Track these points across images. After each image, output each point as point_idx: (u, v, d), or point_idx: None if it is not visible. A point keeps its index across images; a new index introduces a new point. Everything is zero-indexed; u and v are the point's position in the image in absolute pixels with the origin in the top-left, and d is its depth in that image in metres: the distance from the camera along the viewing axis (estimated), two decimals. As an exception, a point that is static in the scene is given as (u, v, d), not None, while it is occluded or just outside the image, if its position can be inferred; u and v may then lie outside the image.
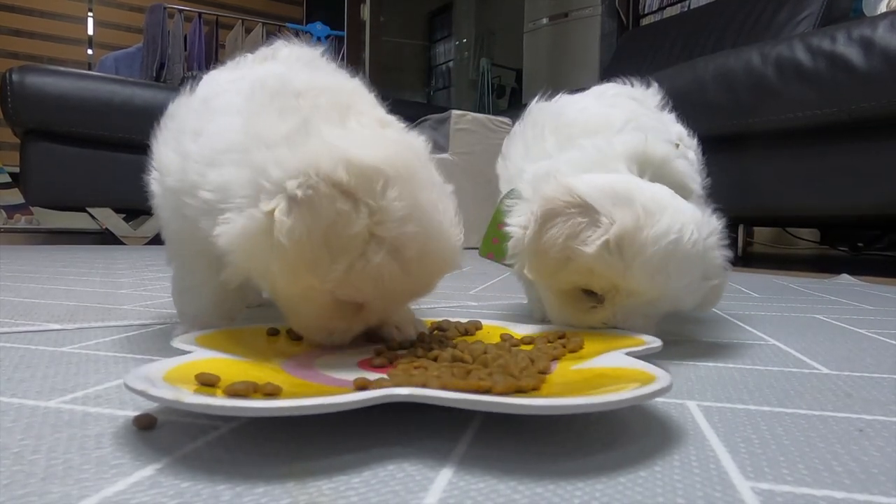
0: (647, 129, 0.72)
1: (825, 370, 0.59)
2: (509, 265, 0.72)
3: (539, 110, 0.82)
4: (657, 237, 0.58)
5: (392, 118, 0.57)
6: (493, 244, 0.76)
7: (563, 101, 0.83)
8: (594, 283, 0.61)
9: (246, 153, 0.48)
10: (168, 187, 0.56)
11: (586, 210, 0.60)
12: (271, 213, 0.44)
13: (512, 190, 0.73)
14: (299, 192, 0.44)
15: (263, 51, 0.66)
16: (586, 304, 0.64)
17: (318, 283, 0.46)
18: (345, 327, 0.53)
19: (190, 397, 0.34)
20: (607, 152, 0.69)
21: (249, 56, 0.66)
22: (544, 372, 0.47)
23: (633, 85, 0.83)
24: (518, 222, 0.67)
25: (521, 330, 0.65)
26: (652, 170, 0.69)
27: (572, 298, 0.64)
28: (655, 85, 0.84)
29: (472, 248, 0.67)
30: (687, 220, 0.60)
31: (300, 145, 0.46)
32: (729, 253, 0.65)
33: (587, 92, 0.84)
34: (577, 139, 0.72)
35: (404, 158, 0.48)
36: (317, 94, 0.53)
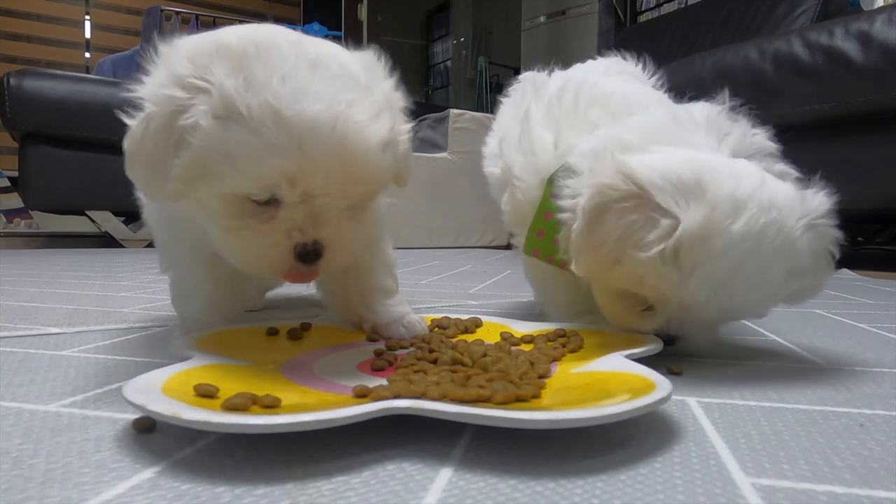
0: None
1: (825, 365, 0.58)
2: (561, 262, 0.62)
3: (562, 80, 0.72)
4: (726, 247, 0.48)
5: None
6: (538, 238, 0.67)
7: (579, 72, 0.74)
8: (644, 291, 0.54)
9: None
10: None
11: (644, 204, 0.51)
12: None
13: (562, 166, 0.62)
14: None
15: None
16: (637, 306, 0.56)
17: (164, 181, 0.46)
18: (273, 240, 0.48)
19: (188, 412, 0.33)
20: (684, 120, 0.58)
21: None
22: (544, 376, 0.47)
23: (630, 61, 0.76)
24: (569, 205, 0.58)
25: (521, 328, 0.65)
26: (733, 141, 0.58)
27: (624, 298, 0.57)
28: (650, 65, 0.77)
29: (473, 248, 0.66)
30: (772, 217, 0.49)
31: None
32: (837, 236, 0.54)
33: (589, 65, 0.76)
34: (626, 110, 0.62)
35: (252, 34, 0.47)
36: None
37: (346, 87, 0.45)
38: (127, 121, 0.47)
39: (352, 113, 0.44)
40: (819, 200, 0.53)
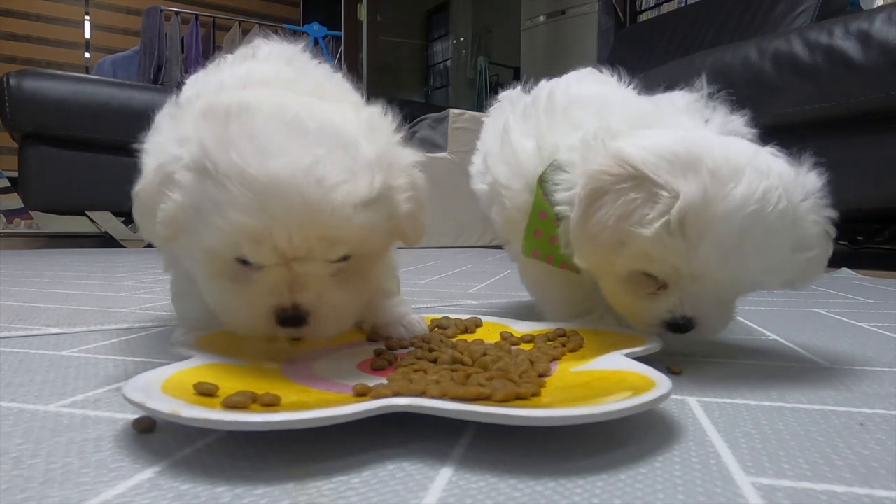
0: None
1: (825, 364, 0.58)
2: (561, 260, 0.61)
3: (536, 91, 0.73)
4: (730, 211, 0.48)
5: (361, 101, 0.57)
6: (535, 238, 0.65)
7: (552, 82, 0.73)
8: (653, 268, 0.53)
9: None
10: None
11: (641, 182, 0.50)
12: None
13: (550, 164, 0.62)
14: None
15: (243, 50, 0.66)
16: (647, 288, 0.55)
17: (153, 224, 0.47)
18: (252, 302, 0.48)
19: (187, 411, 0.33)
20: (666, 106, 0.59)
21: (230, 57, 0.65)
22: (544, 375, 0.47)
23: (602, 72, 0.75)
24: (565, 198, 0.58)
25: (520, 328, 0.65)
26: (716, 125, 0.58)
27: (631, 283, 0.56)
28: (626, 75, 0.74)
29: (472, 248, 0.66)
30: (772, 182, 0.49)
31: None
32: (831, 215, 0.54)
33: (563, 78, 0.75)
34: (606, 107, 0.62)
35: (247, 97, 0.48)
36: (275, 84, 0.55)
37: (318, 144, 0.44)
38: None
39: (318, 170, 0.43)
40: (812, 177, 0.54)
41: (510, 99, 0.80)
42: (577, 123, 0.62)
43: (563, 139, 0.62)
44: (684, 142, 0.51)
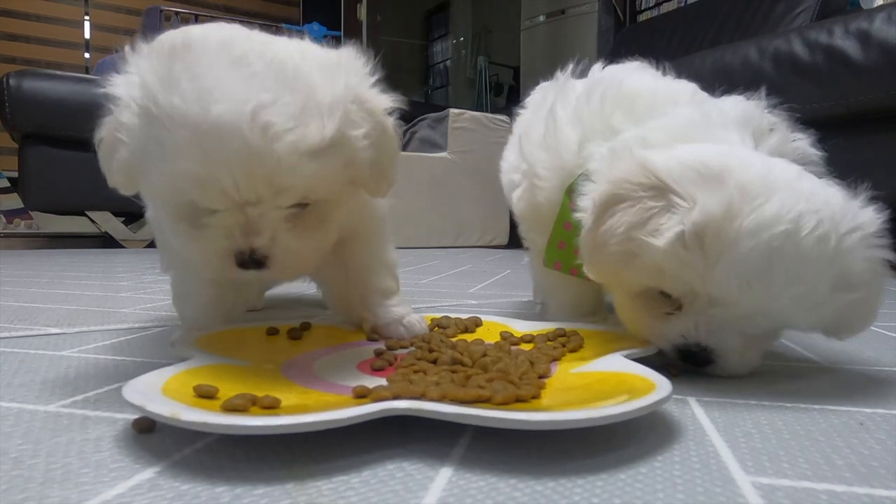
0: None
1: (825, 364, 0.58)
2: (584, 274, 0.56)
3: (577, 84, 0.68)
4: (757, 228, 0.43)
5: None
6: (559, 250, 0.62)
7: (608, 72, 0.68)
8: (666, 284, 0.48)
9: None
10: None
11: (661, 192, 0.46)
12: None
13: (581, 174, 0.59)
14: None
15: None
16: (661, 307, 0.50)
17: (112, 173, 0.48)
18: (211, 248, 0.48)
19: (187, 414, 0.33)
20: (714, 116, 0.53)
21: None
22: (544, 376, 0.47)
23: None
24: (585, 205, 0.54)
25: (520, 327, 0.65)
26: (773, 143, 0.53)
27: (644, 301, 0.52)
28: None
29: (472, 248, 0.66)
30: (812, 207, 0.44)
31: None
32: (889, 257, 0.48)
33: (618, 66, 0.69)
34: (652, 111, 0.57)
35: (196, 34, 0.46)
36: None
37: (264, 87, 0.42)
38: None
39: (263, 116, 0.41)
40: (868, 212, 0.48)
41: (555, 85, 0.74)
42: (616, 129, 0.58)
43: (598, 149, 0.58)
44: (720, 155, 0.47)
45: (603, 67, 0.70)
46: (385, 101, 0.51)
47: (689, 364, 0.51)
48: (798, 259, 0.43)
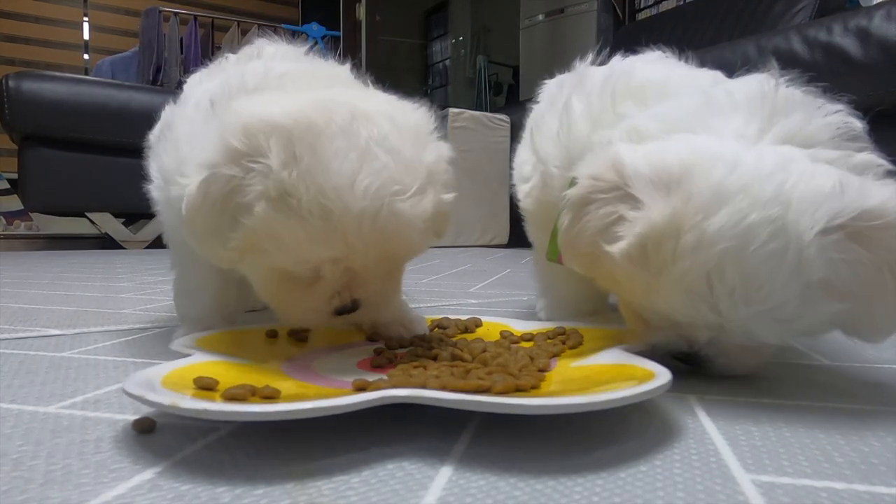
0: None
1: (826, 361, 0.58)
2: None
3: (595, 74, 0.64)
4: (696, 245, 0.40)
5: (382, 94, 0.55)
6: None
7: (626, 62, 0.65)
8: (623, 295, 0.48)
9: None
10: (172, 195, 0.56)
11: (625, 195, 0.44)
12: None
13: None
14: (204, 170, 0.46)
15: (247, 50, 0.66)
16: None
17: (221, 249, 0.47)
18: (315, 306, 0.50)
19: (186, 402, 0.34)
20: (719, 100, 0.49)
21: (232, 57, 0.65)
22: (544, 370, 0.47)
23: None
24: (564, 204, 0.52)
25: (520, 327, 0.65)
26: (792, 123, 0.46)
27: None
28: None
29: (473, 247, 0.66)
30: (767, 215, 0.39)
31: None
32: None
33: (633, 59, 0.66)
34: (664, 99, 0.54)
35: (306, 114, 0.46)
36: (295, 77, 0.54)
37: (392, 179, 0.45)
38: (181, 180, 0.48)
39: (395, 204, 0.45)
40: (875, 200, 0.40)
41: (573, 75, 0.70)
42: (622, 116, 0.55)
43: (601, 140, 0.55)
44: (688, 152, 0.43)
45: (623, 58, 0.67)
46: (448, 151, 0.54)
47: (682, 364, 0.50)
48: (747, 277, 0.40)
